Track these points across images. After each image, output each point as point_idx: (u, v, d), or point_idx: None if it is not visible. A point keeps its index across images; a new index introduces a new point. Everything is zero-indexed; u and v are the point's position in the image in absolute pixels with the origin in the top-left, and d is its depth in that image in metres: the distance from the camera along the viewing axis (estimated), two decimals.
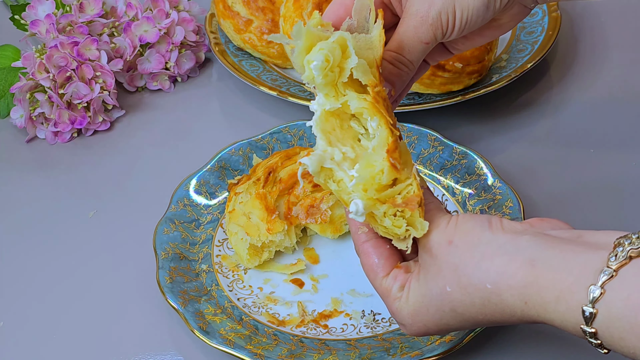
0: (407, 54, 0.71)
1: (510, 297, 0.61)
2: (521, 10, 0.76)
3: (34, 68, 1.00)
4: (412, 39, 0.70)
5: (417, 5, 0.70)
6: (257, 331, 0.79)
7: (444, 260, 0.65)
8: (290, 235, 0.85)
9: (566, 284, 0.59)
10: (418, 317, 0.67)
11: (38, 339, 0.83)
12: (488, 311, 0.63)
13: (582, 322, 0.58)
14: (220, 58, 1.07)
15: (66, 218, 0.94)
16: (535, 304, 0.60)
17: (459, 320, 0.66)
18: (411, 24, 0.70)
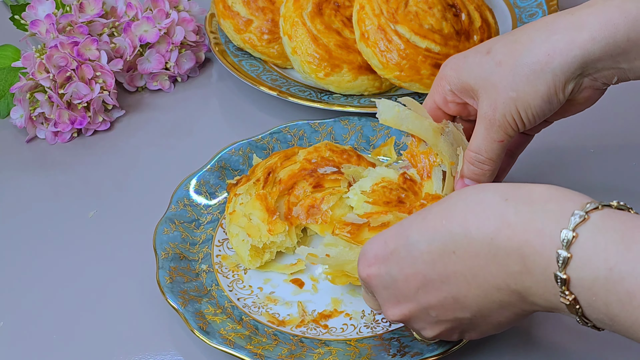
0: (484, 153, 0.76)
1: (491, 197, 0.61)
2: (594, 92, 0.76)
3: (34, 68, 1.00)
4: (486, 139, 0.75)
5: (485, 109, 0.74)
6: (257, 331, 0.79)
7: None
8: (291, 236, 0.85)
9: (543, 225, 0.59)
10: (378, 235, 0.68)
11: (38, 339, 0.83)
12: (456, 253, 0.63)
13: (565, 226, 0.58)
14: (220, 58, 1.07)
15: (66, 218, 0.94)
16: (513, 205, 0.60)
17: (418, 229, 0.65)
18: (482, 127, 0.75)
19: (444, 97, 0.78)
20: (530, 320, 0.80)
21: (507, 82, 0.72)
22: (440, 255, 0.64)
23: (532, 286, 0.60)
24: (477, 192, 0.63)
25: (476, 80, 0.74)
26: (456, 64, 0.76)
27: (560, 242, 0.58)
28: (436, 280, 0.65)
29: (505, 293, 0.62)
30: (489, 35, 1.01)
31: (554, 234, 0.58)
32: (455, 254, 0.63)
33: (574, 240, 0.57)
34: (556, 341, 0.79)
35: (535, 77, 0.71)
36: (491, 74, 0.73)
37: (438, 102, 0.79)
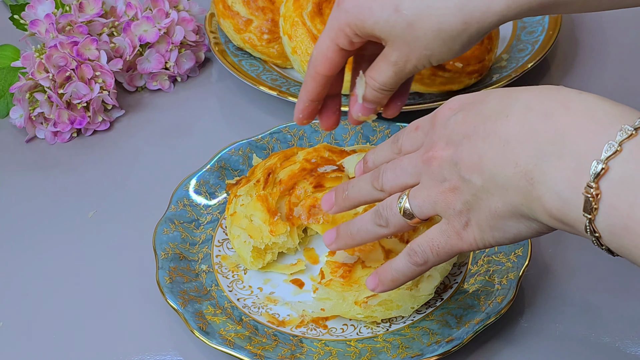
0: (389, 86, 0.79)
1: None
2: None
3: (33, 68, 1.00)
4: (393, 78, 0.78)
5: (395, 58, 0.77)
6: (257, 331, 0.79)
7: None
8: (292, 237, 0.85)
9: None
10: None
11: (38, 339, 0.83)
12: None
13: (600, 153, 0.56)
14: (220, 58, 1.07)
15: (66, 218, 0.94)
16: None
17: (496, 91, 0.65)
18: (391, 70, 0.77)
19: (350, 41, 0.78)
20: (530, 320, 0.80)
21: (421, 42, 0.75)
22: (498, 113, 0.63)
23: (552, 173, 0.59)
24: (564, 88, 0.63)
25: (385, 35, 0.76)
26: (360, 13, 0.76)
27: (609, 136, 0.57)
28: (480, 134, 0.64)
29: (519, 173, 0.61)
30: (489, 35, 1.01)
31: (608, 128, 0.57)
32: (507, 117, 0.62)
33: (629, 138, 0.56)
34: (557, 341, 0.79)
35: (451, 41, 0.75)
36: (402, 34, 0.75)
37: (344, 46, 0.79)
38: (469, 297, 0.80)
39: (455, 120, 0.66)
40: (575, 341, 0.78)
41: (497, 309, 0.77)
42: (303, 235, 0.87)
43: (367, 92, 0.80)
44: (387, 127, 0.95)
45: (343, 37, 0.78)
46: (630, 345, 0.77)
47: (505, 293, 0.78)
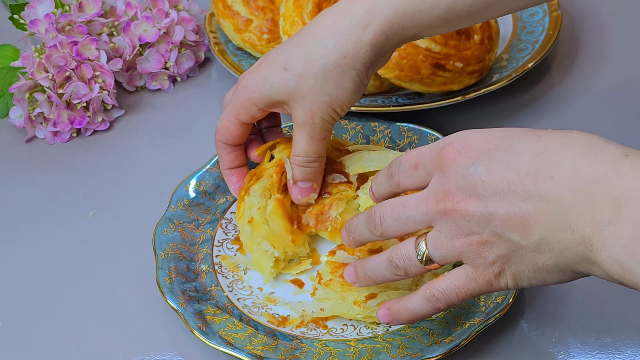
0: (313, 154, 0.82)
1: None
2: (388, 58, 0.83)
3: (33, 68, 1.00)
4: (311, 142, 0.81)
5: (301, 117, 0.80)
6: (257, 332, 0.79)
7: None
8: (304, 245, 0.85)
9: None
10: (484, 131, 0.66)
11: (38, 339, 0.83)
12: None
13: None
14: (220, 58, 1.07)
15: (66, 218, 0.94)
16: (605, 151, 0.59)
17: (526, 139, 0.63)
18: (304, 132, 0.81)
19: (251, 116, 0.83)
20: (530, 320, 0.80)
21: (316, 90, 0.79)
22: (537, 172, 0.60)
23: (611, 240, 0.58)
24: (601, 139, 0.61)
25: (283, 96, 0.80)
26: (256, 86, 0.81)
27: None
28: (519, 193, 0.61)
29: (576, 239, 0.59)
30: (489, 35, 1.01)
31: None
32: (552, 179, 0.60)
33: None
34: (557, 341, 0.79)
35: (340, 79, 0.78)
36: (297, 88, 0.79)
37: (245, 120, 0.84)
38: None
39: (477, 172, 0.62)
40: (575, 341, 0.78)
41: (497, 309, 0.77)
42: (310, 239, 0.87)
43: (295, 171, 0.83)
44: (387, 127, 0.95)
45: (244, 113, 0.83)
46: (631, 345, 0.77)
47: (505, 293, 0.78)
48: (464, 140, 0.65)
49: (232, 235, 0.89)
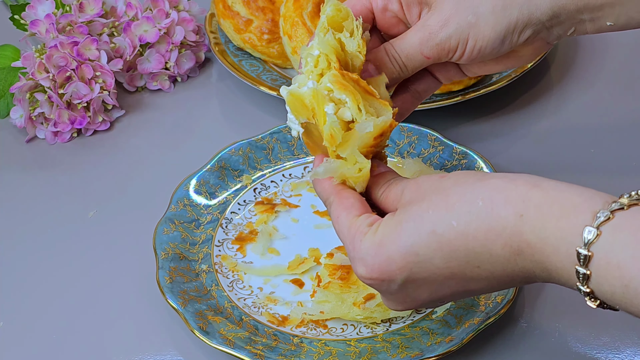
0: (404, 58, 0.70)
1: (503, 210, 0.57)
2: (542, 45, 0.74)
3: (33, 68, 1.00)
4: (415, 49, 0.70)
5: (432, 20, 0.69)
6: (257, 331, 0.79)
7: (433, 187, 0.61)
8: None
9: (573, 203, 0.55)
10: (384, 247, 0.60)
11: (38, 339, 0.83)
12: (472, 230, 0.58)
13: (580, 245, 0.54)
14: (220, 58, 1.07)
15: (66, 218, 0.94)
16: (532, 217, 0.56)
17: (434, 248, 0.59)
18: (418, 35, 0.69)
19: (385, 4, 0.72)
20: (530, 320, 0.80)
21: (471, 3, 0.69)
22: (461, 269, 0.60)
23: (549, 240, 0.57)
24: (491, 207, 0.58)
25: None
26: None
27: (577, 259, 0.56)
28: (452, 288, 0.62)
29: (519, 278, 0.60)
30: None
31: (571, 250, 0.56)
32: (479, 267, 0.60)
33: (591, 257, 0.55)
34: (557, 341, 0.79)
35: (501, 9, 0.69)
36: None
37: (376, 6, 0.72)
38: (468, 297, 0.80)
39: (399, 288, 0.62)
40: (575, 341, 0.78)
41: (497, 309, 0.77)
42: None
43: (380, 55, 0.71)
44: None
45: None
46: (630, 345, 0.77)
47: (505, 293, 0.78)
48: (365, 263, 0.62)
49: (232, 235, 0.89)
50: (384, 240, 0.61)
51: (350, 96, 0.64)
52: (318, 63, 0.66)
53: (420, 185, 0.62)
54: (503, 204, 0.57)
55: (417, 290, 0.63)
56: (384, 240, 0.61)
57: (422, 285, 0.62)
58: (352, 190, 0.66)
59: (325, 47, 0.66)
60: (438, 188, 0.61)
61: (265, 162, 0.94)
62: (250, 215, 0.91)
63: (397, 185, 0.65)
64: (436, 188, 0.61)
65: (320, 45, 0.66)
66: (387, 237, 0.61)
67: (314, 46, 0.66)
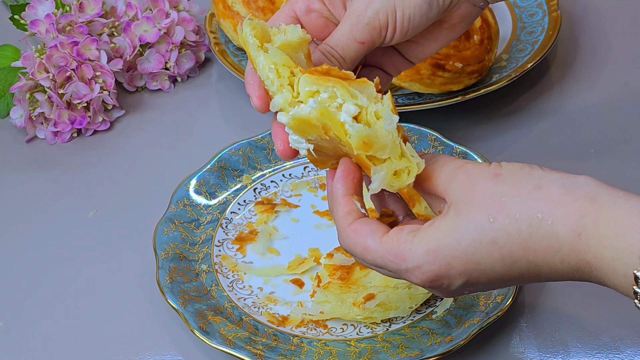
0: (340, 50, 0.68)
1: (562, 227, 0.57)
2: (471, 9, 0.73)
3: (33, 68, 1.00)
4: (347, 36, 0.68)
5: (356, 4, 0.68)
6: (257, 331, 0.79)
7: (488, 191, 0.59)
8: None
9: (630, 222, 0.55)
10: (442, 252, 0.60)
11: (38, 339, 0.83)
12: (533, 244, 0.58)
13: (637, 267, 0.54)
14: (220, 58, 1.07)
15: (66, 218, 0.94)
16: (590, 236, 0.56)
17: (495, 258, 0.59)
18: (347, 22, 0.68)
19: (307, 5, 0.70)
20: (530, 320, 0.80)
21: None
22: (521, 275, 0.60)
23: (606, 258, 0.57)
24: (550, 223, 0.58)
25: None
26: None
27: (634, 281, 0.56)
28: (507, 284, 0.62)
29: (567, 259, 0.59)
30: (489, 35, 1.01)
31: (628, 272, 0.56)
32: (539, 276, 0.60)
33: None
34: (557, 341, 0.79)
35: None
36: None
37: (299, 11, 0.70)
38: (468, 297, 0.80)
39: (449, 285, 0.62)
40: (575, 341, 0.78)
41: (497, 309, 0.77)
42: None
43: (315, 57, 0.69)
44: None
45: (302, 1, 0.70)
46: (630, 345, 0.77)
47: (505, 293, 0.78)
48: (420, 267, 0.61)
49: (232, 235, 0.89)
50: (441, 247, 0.60)
51: (337, 86, 0.63)
52: (280, 75, 0.65)
53: (473, 183, 0.61)
54: (562, 221, 0.57)
55: (475, 287, 0.63)
56: (441, 247, 0.60)
57: (481, 285, 0.62)
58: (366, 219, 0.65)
59: (277, 56, 0.65)
60: (495, 193, 0.60)
61: (265, 162, 0.94)
62: (250, 215, 0.91)
63: (442, 168, 0.63)
64: (493, 193, 0.60)
65: (271, 58, 0.65)
66: (445, 243, 0.60)
67: (265, 66, 0.65)
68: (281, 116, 0.65)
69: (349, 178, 0.65)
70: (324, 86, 0.63)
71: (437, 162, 0.64)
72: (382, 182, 0.62)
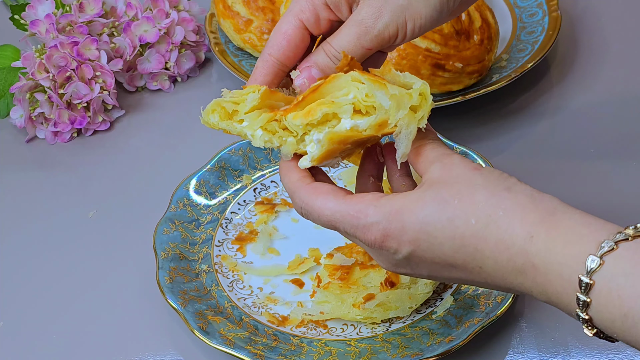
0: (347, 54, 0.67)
1: (517, 227, 0.59)
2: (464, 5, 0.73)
3: (33, 68, 1.00)
4: (354, 44, 0.67)
5: (364, 14, 0.67)
6: (257, 331, 0.79)
7: (464, 177, 0.61)
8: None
9: (581, 233, 0.57)
10: (401, 215, 0.61)
11: (38, 339, 0.83)
12: (486, 234, 0.60)
13: (582, 272, 0.56)
14: (220, 58, 1.07)
15: (66, 218, 0.94)
16: (541, 240, 0.58)
17: (447, 235, 0.60)
18: (354, 31, 0.67)
19: (316, 14, 0.69)
20: (530, 320, 0.80)
21: None
22: (465, 263, 0.61)
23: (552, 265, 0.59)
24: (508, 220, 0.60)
25: None
26: None
27: (578, 286, 0.57)
28: (450, 274, 0.63)
29: (514, 290, 0.62)
30: (489, 35, 1.01)
31: (573, 277, 0.57)
32: (481, 268, 0.61)
33: (592, 285, 0.56)
34: (557, 341, 0.79)
35: None
36: None
37: (307, 20, 0.69)
38: (468, 297, 0.80)
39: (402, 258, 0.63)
40: (575, 341, 0.78)
41: (497, 309, 0.77)
42: None
43: (320, 58, 0.68)
44: None
45: (309, 10, 0.68)
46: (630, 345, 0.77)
47: (506, 293, 0.78)
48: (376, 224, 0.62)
49: (232, 235, 0.89)
50: (403, 209, 0.61)
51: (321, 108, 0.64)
52: (272, 130, 0.66)
53: (453, 168, 0.63)
54: (519, 222, 0.59)
55: (418, 266, 0.64)
56: (403, 209, 0.61)
57: (424, 263, 0.63)
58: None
59: (255, 122, 0.67)
60: (469, 180, 0.61)
61: (265, 162, 0.94)
62: (250, 215, 0.91)
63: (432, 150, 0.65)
64: (468, 179, 0.62)
65: (253, 127, 0.67)
66: (407, 206, 0.61)
67: (254, 135, 0.67)
68: (303, 162, 0.66)
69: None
70: (310, 116, 0.64)
71: (430, 144, 0.65)
72: (410, 136, 0.63)
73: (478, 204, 0.60)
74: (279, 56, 0.69)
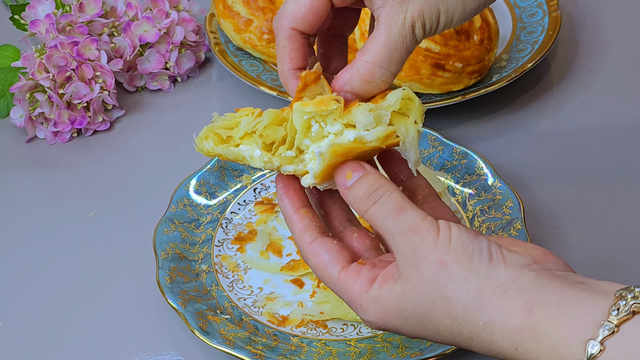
0: (388, 65, 0.63)
1: (501, 340, 0.59)
2: None
3: (33, 68, 1.00)
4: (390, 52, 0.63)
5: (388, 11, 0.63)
6: (257, 331, 0.79)
7: (434, 282, 0.60)
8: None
9: (563, 335, 0.56)
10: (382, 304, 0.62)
11: (38, 339, 0.83)
12: (473, 345, 0.61)
13: None
14: (220, 58, 1.07)
15: (66, 218, 0.94)
16: (527, 351, 0.57)
17: (440, 339, 0.62)
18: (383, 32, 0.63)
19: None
20: None
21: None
22: (461, 335, 0.61)
23: None
24: (490, 334, 0.59)
25: None
26: None
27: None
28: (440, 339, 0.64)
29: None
30: (489, 35, 1.01)
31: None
32: (473, 341, 0.61)
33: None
34: None
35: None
36: None
37: (316, 5, 0.64)
38: None
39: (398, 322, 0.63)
40: None
41: None
42: None
43: (354, 77, 0.64)
44: None
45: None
46: None
47: None
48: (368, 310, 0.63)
49: (232, 235, 0.89)
50: (387, 301, 0.62)
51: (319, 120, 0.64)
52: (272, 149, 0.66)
53: (422, 272, 0.61)
54: (500, 334, 0.59)
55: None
56: (387, 301, 0.62)
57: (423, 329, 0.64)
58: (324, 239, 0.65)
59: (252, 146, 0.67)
60: (440, 292, 0.60)
61: None
62: (250, 215, 0.91)
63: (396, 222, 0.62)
64: (438, 291, 0.60)
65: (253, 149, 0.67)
66: (391, 300, 0.62)
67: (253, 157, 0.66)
68: (305, 180, 0.65)
69: (290, 192, 0.66)
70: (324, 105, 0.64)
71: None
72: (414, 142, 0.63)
73: (456, 320, 0.60)
74: (306, 26, 0.64)
